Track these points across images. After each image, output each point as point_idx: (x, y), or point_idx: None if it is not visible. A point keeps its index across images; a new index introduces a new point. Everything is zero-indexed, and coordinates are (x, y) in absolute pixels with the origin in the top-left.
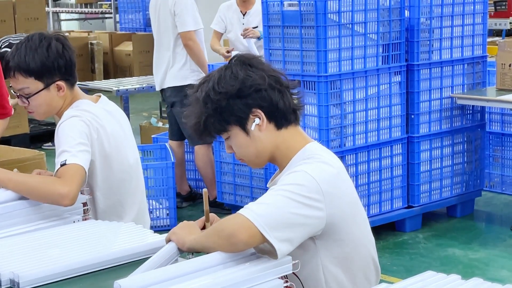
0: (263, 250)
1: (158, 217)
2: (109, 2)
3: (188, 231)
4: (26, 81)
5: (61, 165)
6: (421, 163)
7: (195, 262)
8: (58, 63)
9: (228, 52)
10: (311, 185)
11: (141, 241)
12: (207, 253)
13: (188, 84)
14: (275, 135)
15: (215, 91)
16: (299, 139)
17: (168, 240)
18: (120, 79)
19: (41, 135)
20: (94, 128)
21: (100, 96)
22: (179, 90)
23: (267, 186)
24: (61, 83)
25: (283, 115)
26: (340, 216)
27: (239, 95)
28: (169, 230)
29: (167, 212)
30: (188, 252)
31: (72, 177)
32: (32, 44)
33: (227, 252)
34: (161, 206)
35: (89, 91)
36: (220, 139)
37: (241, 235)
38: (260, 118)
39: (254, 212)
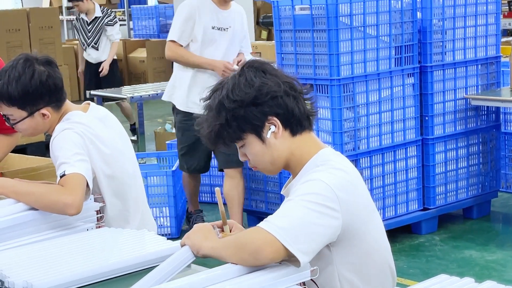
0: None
1: (160, 225)
2: (123, 9)
3: (203, 236)
4: (9, 110)
5: (61, 177)
6: (436, 165)
7: (212, 271)
8: (41, 92)
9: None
10: (327, 194)
11: (154, 248)
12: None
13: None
14: (290, 142)
15: (230, 99)
16: (312, 145)
17: (183, 245)
18: (135, 85)
19: None
20: (88, 138)
21: (89, 104)
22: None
23: (281, 193)
24: (45, 110)
25: (298, 122)
26: (355, 222)
27: (255, 103)
28: (170, 238)
29: (168, 220)
30: (202, 258)
31: (74, 186)
32: (15, 72)
33: (248, 266)
34: (161, 214)
35: (103, 99)
36: None
37: (266, 251)
38: (275, 126)
39: (276, 226)
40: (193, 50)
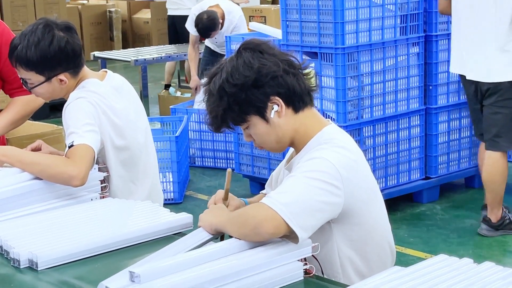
0: None
1: (164, 190)
2: None
3: (213, 214)
4: (27, 74)
5: (69, 147)
6: (439, 134)
7: (215, 246)
8: (59, 58)
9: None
10: (331, 172)
11: (157, 220)
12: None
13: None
14: (293, 119)
15: (230, 83)
16: (316, 122)
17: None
18: (138, 48)
19: (60, 105)
20: (101, 108)
21: (106, 72)
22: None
23: (284, 168)
24: (63, 76)
25: (300, 98)
26: (356, 201)
27: (255, 85)
28: (173, 203)
29: (171, 185)
30: (217, 234)
31: (81, 158)
32: (35, 37)
33: (251, 241)
34: (165, 180)
35: (107, 60)
36: None
37: (267, 226)
38: (278, 105)
39: (278, 202)
40: None
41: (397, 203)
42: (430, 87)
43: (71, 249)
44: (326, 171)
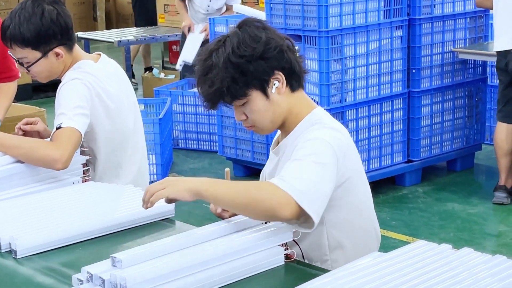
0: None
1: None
2: None
3: (183, 180)
4: (23, 52)
5: (57, 128)
6: (422, 117)
7: (193, 232)
8: (53, 30)
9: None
10: (332, 153)
11: (139, 207)
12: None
13: None
14: (289, 99)
15: (236, 54)
16: (307, 104)
17: (170, 199)
18: (122, 29)
19: (43, 85)
20: (95, 91)
21: (100, 55)
22: None
23: (271, 151)
24: (58, 49)
25: (297, 78)
26: (346, 182)
27: (263, 57)
28: None
29: (154, 168)
30: (198, 198)
31: (66, 141)
32: (25, 13)
33: (256, 219)
34: (148, 162)
35: (90, 41)
36: None
37: (284, 212)
38: (279, 81)
39: (295, 189)
40: None
41: (379, 186)
42: (413, 71)
43: (54, 235)
44: (329, 153)
